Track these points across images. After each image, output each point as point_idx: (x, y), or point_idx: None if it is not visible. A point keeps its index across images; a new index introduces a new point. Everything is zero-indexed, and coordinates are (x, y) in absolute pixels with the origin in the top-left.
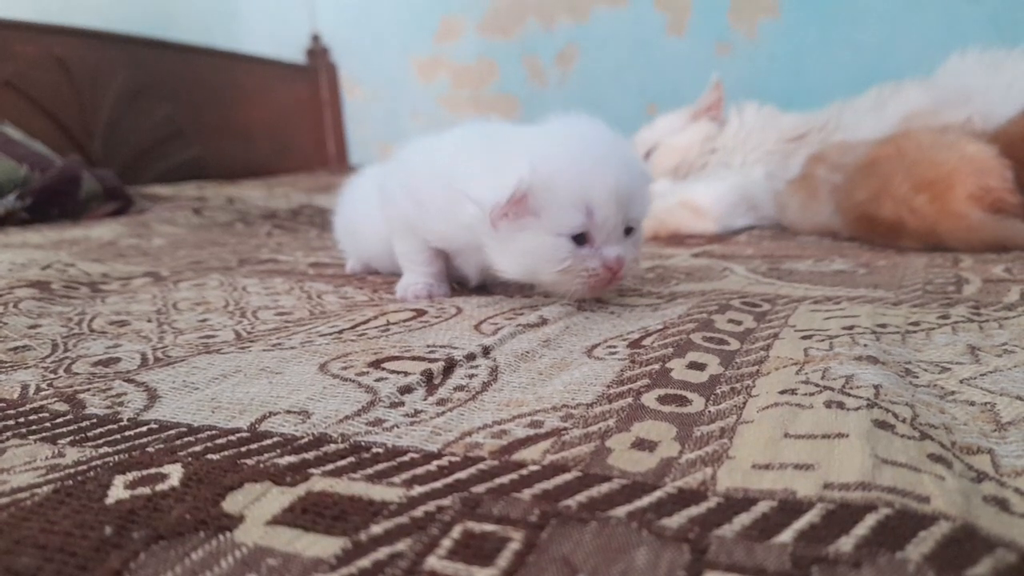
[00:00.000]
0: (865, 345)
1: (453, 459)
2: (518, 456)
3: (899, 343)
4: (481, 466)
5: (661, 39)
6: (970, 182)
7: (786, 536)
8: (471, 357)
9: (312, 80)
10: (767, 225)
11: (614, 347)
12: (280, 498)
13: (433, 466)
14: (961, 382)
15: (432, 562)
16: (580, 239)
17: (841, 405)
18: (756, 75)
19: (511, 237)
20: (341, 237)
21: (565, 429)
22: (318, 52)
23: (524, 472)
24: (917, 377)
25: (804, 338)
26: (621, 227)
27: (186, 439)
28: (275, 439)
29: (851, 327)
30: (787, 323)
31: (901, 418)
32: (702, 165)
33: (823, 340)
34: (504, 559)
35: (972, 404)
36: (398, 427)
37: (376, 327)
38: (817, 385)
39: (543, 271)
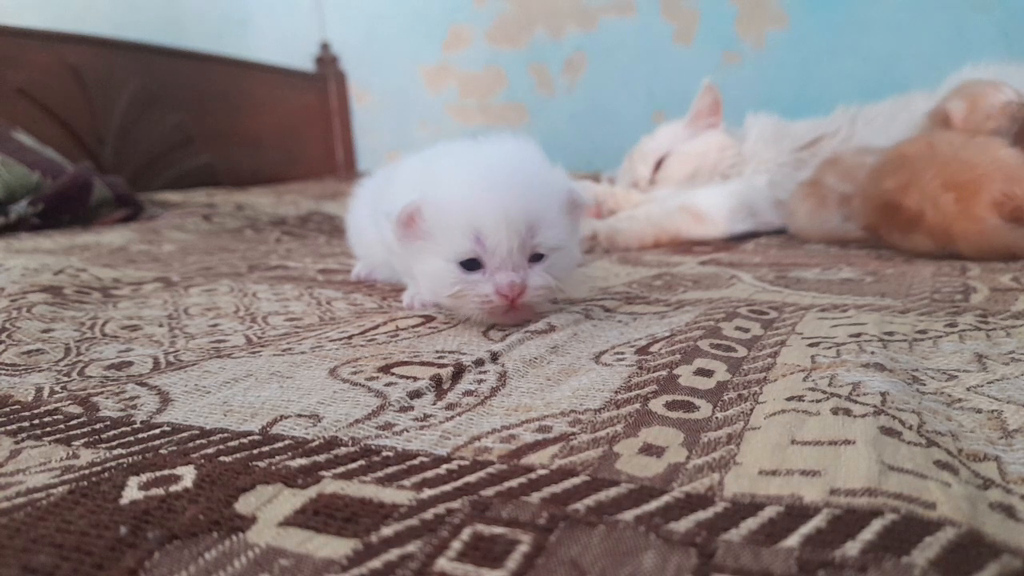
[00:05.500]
0: (872, 352)
1: (462, 463)
2: (527, 460)
3: (906, 351)
4: (490, 470)
5: (669, 48)
6: (995, 188)
7: (793, 541)
8: (480, 363)
9: (321, 88)
10: (766, 231)
11: (622, 354)
12: (292, 500)
13: (443, 469)
14: (968, 390)
15: (442, 563)
16: (473, 265)
17: (848, 412)
18: (764, 85)
19: (413, 259)
20: (354, 242)
21: (573, 434)
22: (327, 60)
23: (533, 476)
24: (924, 384)
25: (811, 345)
26: (521, 253)
27: (199, 441)
28: (286, 442)
29: (858, 335)
30: (794, 330)
31: (908, 425)
32: (725, 176)
33: (830, 347)
34: (513, 561)
35: (979, 411)
36: (408, 431)
37: (385, 333)
38: (824, 392)
39: (438, 295)
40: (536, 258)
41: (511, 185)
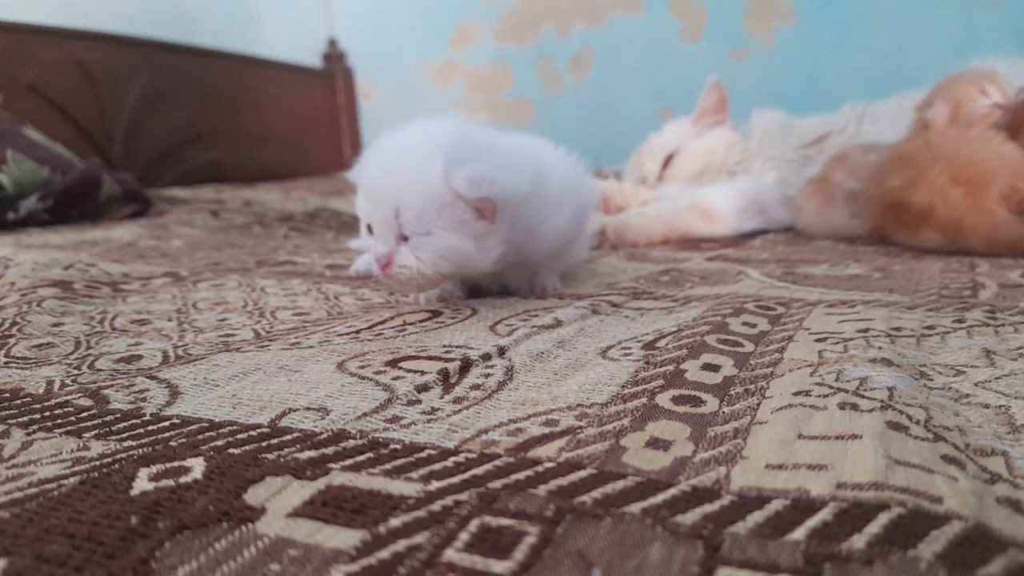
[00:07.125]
0: (880, 348)
1: (470, 455)
2: (534, 453)
3: (914, 346)
4: (497, 463)
5: (676, 45)
6: (1002, 182)
7: (799, 534)
8: (487, 357)
9: (329, 84)
10: (775, 229)
11: (628, 349)
12: (301, 491)
13: (450, 462)
14: (976, 385)
15: (450, 554)
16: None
17: (855, 407)
18: (772, 81)
19: None
20: None
21: (580, 428)
22: (335, 56)
23: (540, 469)
24: (932, 380)
25: (818, 341)
26: (389, 230)
27: (208, 434)
28: (295, 435)
29: (866, 330)
30: (801, 326)
31: (915, 420)
32: (732, 173)
33: (837, 343)
34: (520, 552)
35: (987, 407)
36: (415, 424)
37: (393, 327)
38: (831, 387)
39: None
40: (408, 239)
41: (384, 166)
